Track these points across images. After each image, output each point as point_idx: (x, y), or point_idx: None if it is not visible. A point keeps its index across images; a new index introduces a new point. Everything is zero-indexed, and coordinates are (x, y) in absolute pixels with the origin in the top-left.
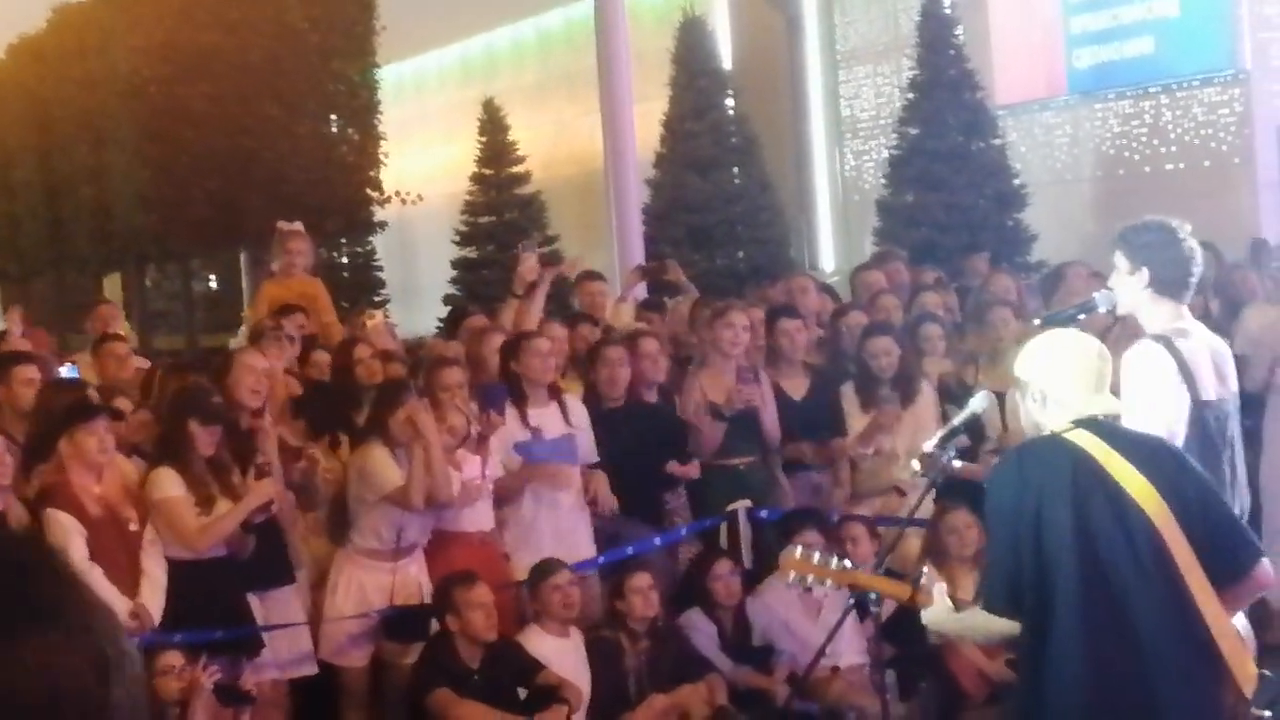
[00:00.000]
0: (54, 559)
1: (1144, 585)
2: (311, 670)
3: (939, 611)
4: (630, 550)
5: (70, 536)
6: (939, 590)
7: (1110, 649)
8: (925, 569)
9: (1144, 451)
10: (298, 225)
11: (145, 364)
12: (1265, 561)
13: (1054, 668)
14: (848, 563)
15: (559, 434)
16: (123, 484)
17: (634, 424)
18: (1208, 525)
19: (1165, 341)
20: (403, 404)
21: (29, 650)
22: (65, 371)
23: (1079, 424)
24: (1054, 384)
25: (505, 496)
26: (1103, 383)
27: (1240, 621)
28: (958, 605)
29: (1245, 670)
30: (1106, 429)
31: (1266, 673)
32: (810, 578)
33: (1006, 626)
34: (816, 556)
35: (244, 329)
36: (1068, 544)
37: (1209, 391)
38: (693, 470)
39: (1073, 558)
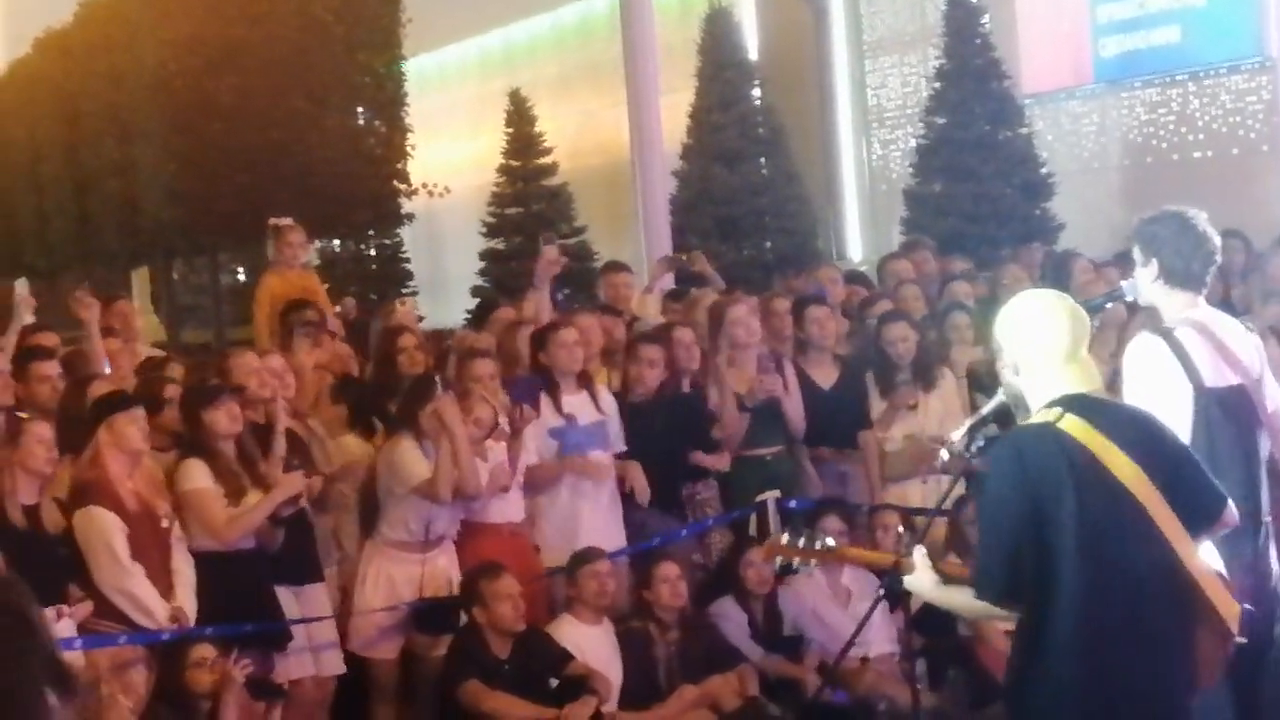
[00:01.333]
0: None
1: (1136, 559)
2: (339, 668)
3: (923, 580)
4: (658, 540)
5: (114, 534)
6: (920, 556)
7: (1112, 636)
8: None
9: (1125, 428)
10: (289, 220)
11: (158, 354)
12: (1230, 504)
13: (1054, 656)
14: (830, 541)
15: (591, 421)
16: (153, 478)
17: (663, 415)
18: (1182, 482)
19: (1165, 333)
20: (431, 398)
21: None
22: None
23: (1064, 407)
24: (1025, 353)
25: (541, 485)
26: (1076, 348)
27: (1216, 562)
28: (944, 578)
29: (1230, 609)
30: (1090, 409)
31: (1248, 606)
32: (796, 561)
33: (985, 609)
34: (801, 541)
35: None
36: (1071, 535)
37: (1213, 379)
38: (721, 462)
39: (1075, 548)
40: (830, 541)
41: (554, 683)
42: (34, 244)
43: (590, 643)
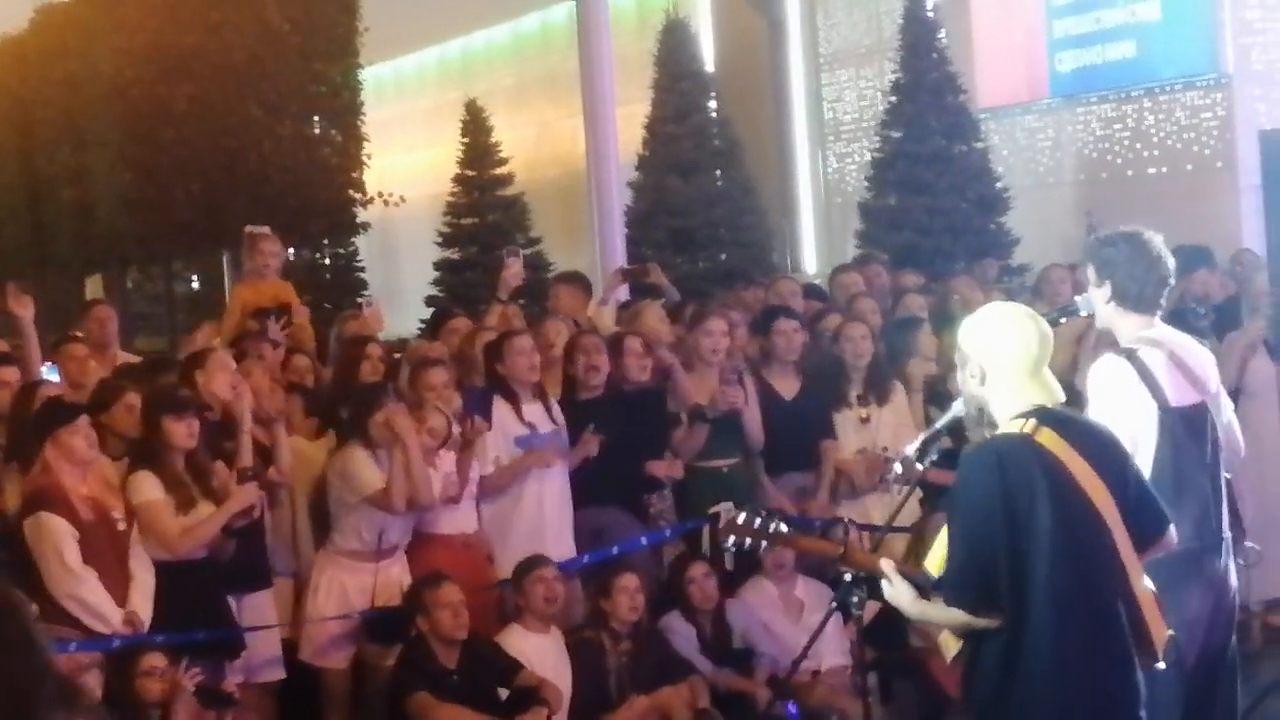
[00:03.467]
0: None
1: (1101, 572)
2: (279, 675)
3: (902, 594)
4: (616, 550)
5: (64, 540)
6: (890, 567)
7: (1085, 649)
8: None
9: (1094, 443)
10: (265, 229)
11: (131, 359)
12: (1171, 527)
13: (1029, 669)
14: (783, 526)
15: (549, 430)
16: (107, 481)
17: (615, 413)
18: (1137, 502)
19: (1128, 354)
20: (381, 406)
21: None
22: (45, 372)
23: (1038, 419)
24: (993, 363)
25: (497, 490)
26: (1041, 365)
27: (1148, 583)
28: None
29: (1160, 633)
30: (1062, 422)
31: (1172, 633)
32: (749, 541)
33: (963, 619)
34: (756, 521)
35: (206, 328)
36: (1045, 545)
37: (1177, 398)
38: (676, 470)
39: (1049, 559)
40: (783, 527)
41: (504, 693)
42: None
43: (539, 652)
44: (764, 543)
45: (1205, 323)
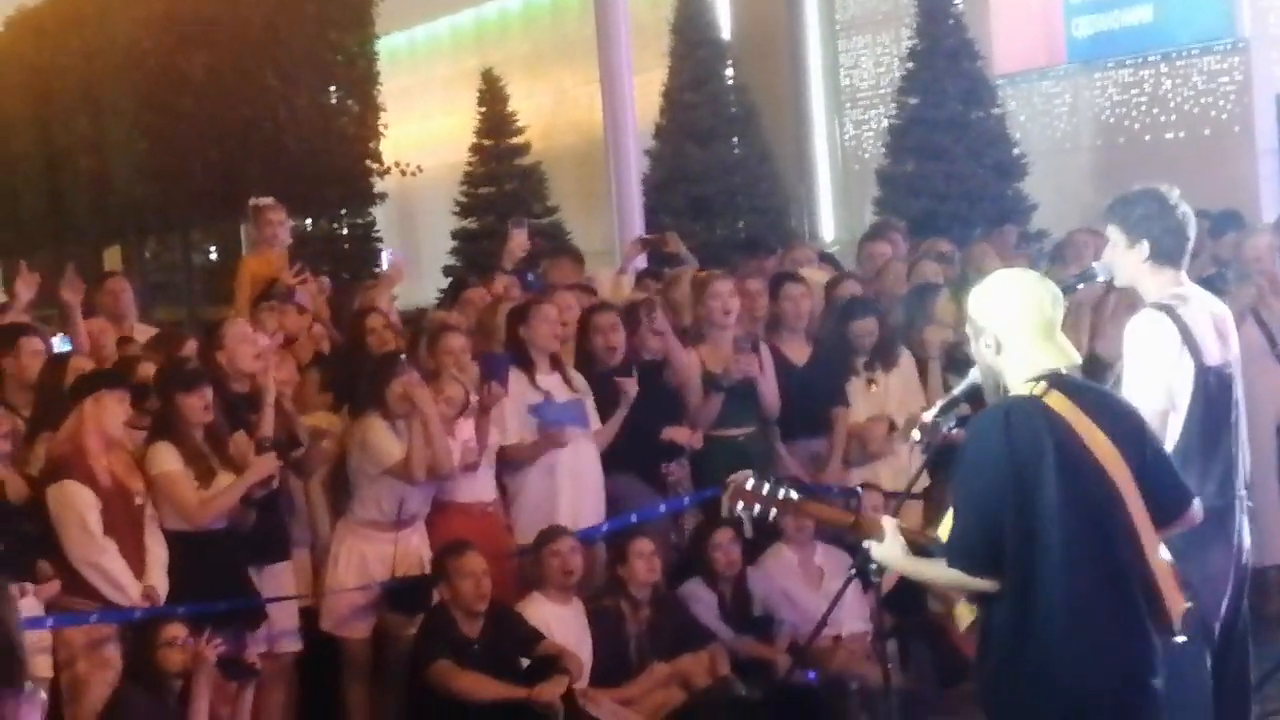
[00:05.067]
0: None
1: (1112, 539)
2: (296, 646)
3: (893, 550)
4: (634, 518)
5: (87, 509)
6: (890, 525)
7: (1088, 601)
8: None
9: (1110, 412)
10: (270, 200)
11: (152, 331)
12: (1196, 502)
13: (1039, 633)
14: (794, 493)
15: (567, 398)
16: (127, 456)
17: (629, 373)
18: (1157, 476)
19: (1168, 310)
20: (397, 376)
21: None
22: (57, 343)
23: (1049, 382)
24: (1007, 331)
25: (519, 463)
26: (1053, 329)
27: (1165, 555)
28: (915, 547)
29: (1176, 605)
30: (1075, 388)
31: (1190, 604)
32: (757, 508)
33: (960, 579)
34: (766, 487)
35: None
36: (1053, 507)
37: (1212, 356)
38: (695, 439)
39: (1057, 521)
40: (794, 494)
41: (525, 662)
42: (6, 221)
43: (560, 621)
44: (773, 510)
45: (1232, 286)
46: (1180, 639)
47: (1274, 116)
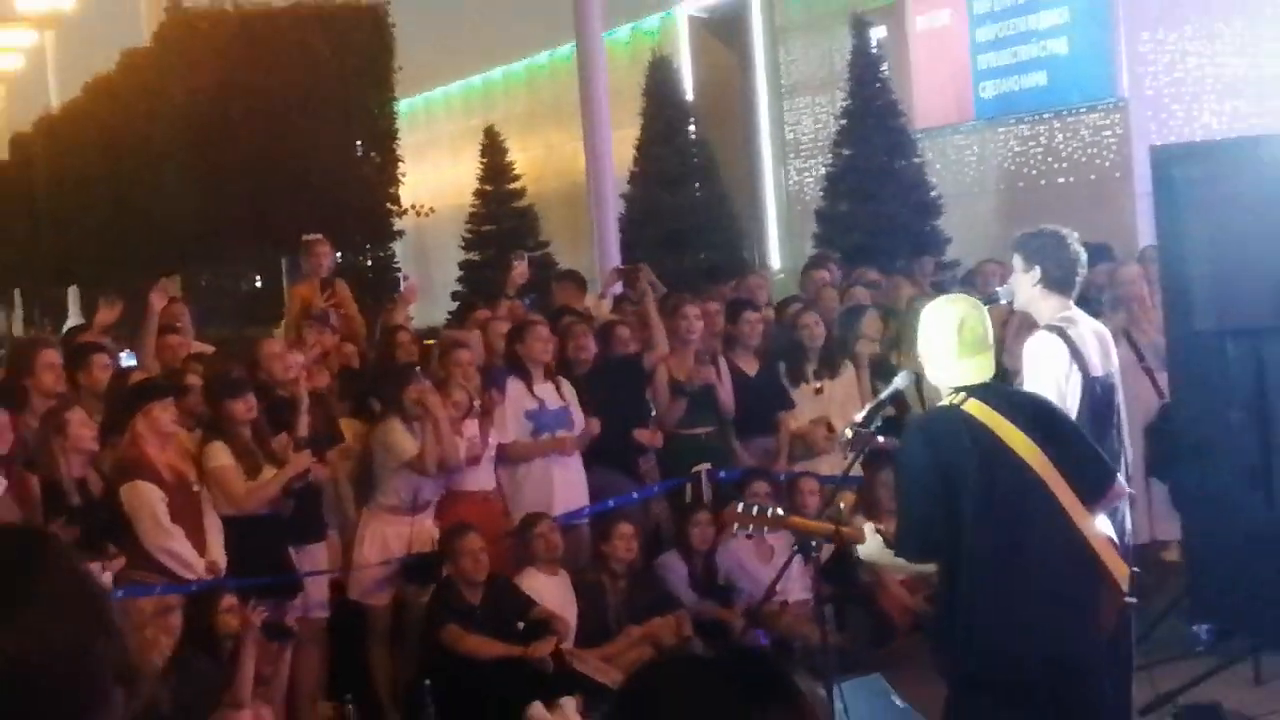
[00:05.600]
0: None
1: (1030, 525)
2: (327, 613)
3: (874, 548)
4: (612, 504)
5: (156, 503)
6: (870, 530)
7: (1011, 579)
8: (842, 504)
9: (1024, 410)
10: (319, 235)
11: (208, 349)
12: (1119, 478)
13: (965, 608)
14: (779, 510)
15: (557, 406)
16: (184, 450)
17: (604, 379)
18: (1076, 459)
19: (1059, 330)
20: (412, 384)
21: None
22: (124, 359)
23: (968, 392)
24: (928, 351)
25: (519, 459)
26: (977, 347)
27: (1108, 528)
28: (886, 541)
29: (1119, 569)
30: (992, 394)
31: (1136, 569)
32: (751, 527)
33: (906, 565)
34: (755, 509)
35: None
36: (974, 501)
37: (1097, 369)
38: (656, 439)
39: (978, 513)
40: (779, 511)
41: (520, 625)
42: (83, 256)
43: (550, 591)
44: (766, 528)
45: (1106, 309)
46: (1131, 600)
47: (1148, 165)
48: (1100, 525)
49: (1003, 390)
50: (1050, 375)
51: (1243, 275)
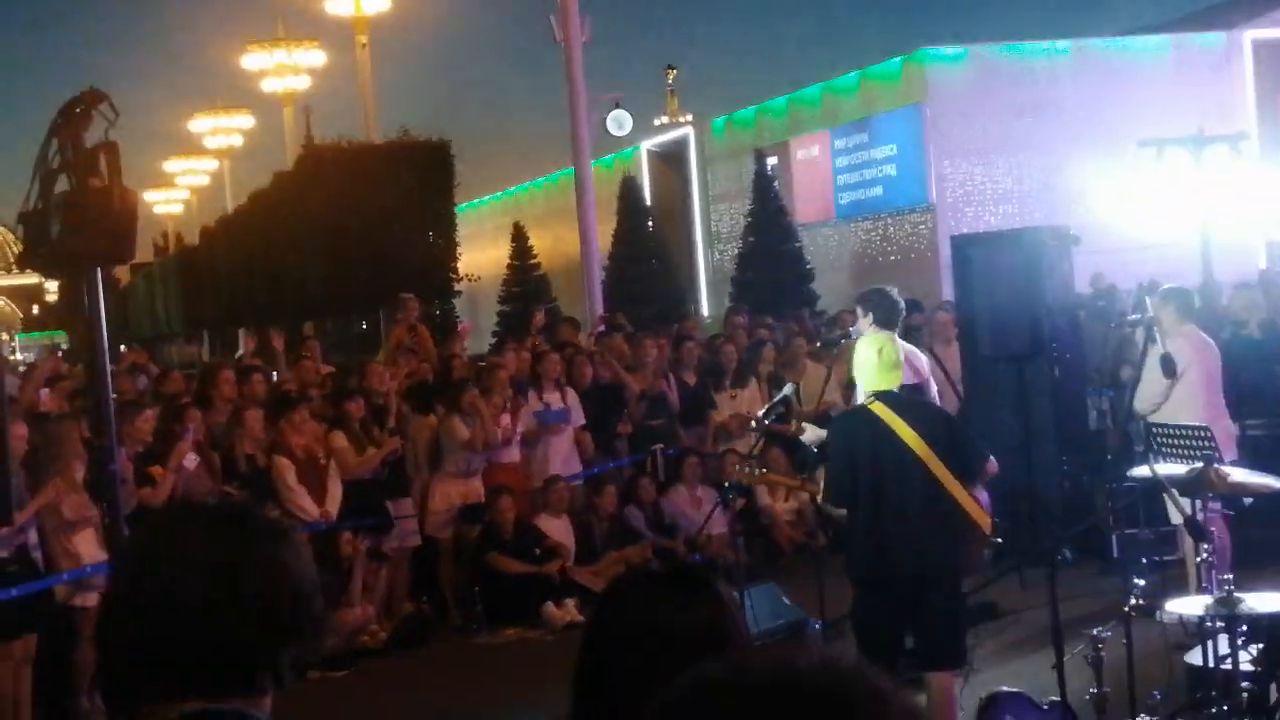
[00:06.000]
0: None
1: (907, 487)
2: (416, 542)
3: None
4: (597, 470)
5: (288, 471)
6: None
7: (887, 521)
8: (759, 470)
9: (914, 411)
10: (410, 295)
11: (329, 369)
12: (991, 459)
13: (858, 534)
14: (763, 470)
15: (559, 408)
16: (316, 436)
17: (595, 395)
18: (956, 448)
19: None
20: (465, 392)
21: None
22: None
23: (878, 396)
24: (859, 368)
25: (530, 439)
26: (882, 367)
27: (984, 497)
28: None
29: (983, 521)
30: (893, 400)
31: (997, 520)
32: (745, 478)
33: (832, 510)
34: (748, 469)
35: (382, 353)
36: (866, 469)
37: (908, 379)
38: (627, 428)
39: (868, 476)
40: (763, 469)
41: (537, 551)
42: (248, 310)
43: (557, 528)
44: (760, 471)
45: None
46: (997, 540)
47: (950, 248)
48: (977, 493)
49: (902, 398)
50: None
51: (1008, 320)
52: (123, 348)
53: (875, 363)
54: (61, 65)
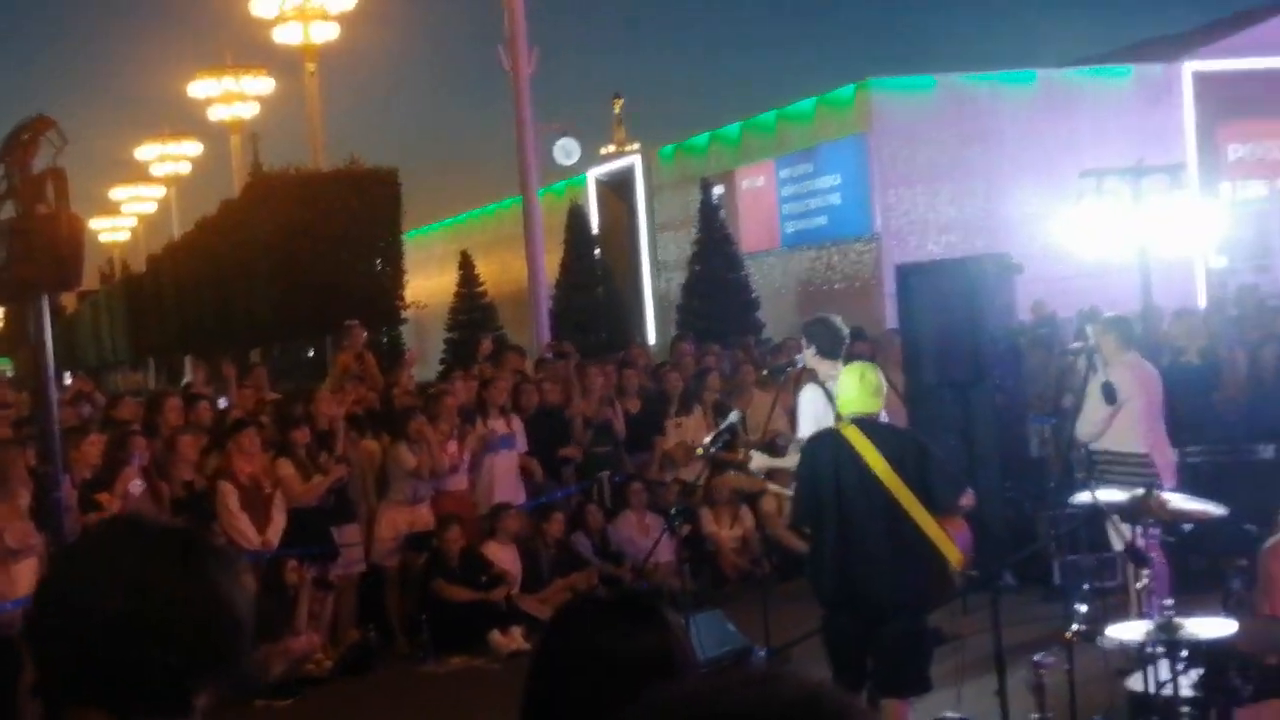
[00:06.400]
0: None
1: (870, 513)
2: (361, 569)
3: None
4: (545, 499)
5: (230, 496)
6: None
7: (851, 544)
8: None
9: (886, 438)
10: (355, 321)
11: (276, 396)
12: (968, 490)
13: (820, 556)
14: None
15: (504, 433)
16: (261, 465)
17: (542, 421)
18: (928, 478)
19: (821, 386)
20: (413, 419)
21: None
22: (221, 403)
23: (854, 421)
24: (842, 392)
25: (475, 463)
26: (863, 392)
27: (964, 531)
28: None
29: (952, 553)
30: (868, 425)
31: (974, 573)
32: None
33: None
34: (714, 449)
35: (329, 381)
36: (831, 492)
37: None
38: (576, 454)
39: (832, 499)
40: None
41: (484, 579)
42: (195, 337)
43: (503, 555)
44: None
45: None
46: (972, 574)
47: (894, 276)
48: (952, 525)
49: (878, 424)
50: (810, 412)
51: (952, 347)
52: (68, 376)
53: (857, 388)
54: (8, 91)
